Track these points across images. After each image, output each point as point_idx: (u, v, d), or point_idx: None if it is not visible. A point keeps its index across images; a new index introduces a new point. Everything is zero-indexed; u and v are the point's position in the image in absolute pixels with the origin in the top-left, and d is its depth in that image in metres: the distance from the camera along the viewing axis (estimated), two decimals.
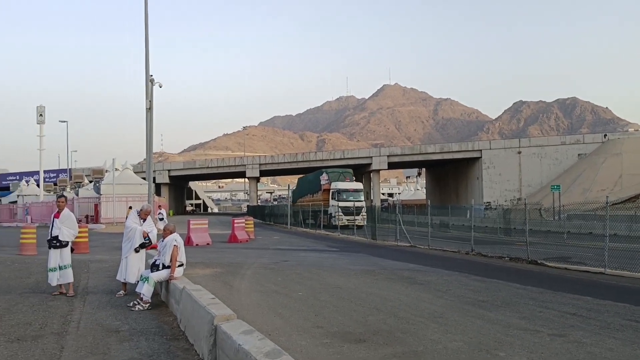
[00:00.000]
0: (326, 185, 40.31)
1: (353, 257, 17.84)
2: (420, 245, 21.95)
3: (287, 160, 78.45)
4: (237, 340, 4.70)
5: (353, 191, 38.58)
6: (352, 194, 37.95)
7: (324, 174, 41.55)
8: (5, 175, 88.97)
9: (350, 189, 38.81)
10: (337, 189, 38.26)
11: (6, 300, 8.99)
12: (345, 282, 11.33)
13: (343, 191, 38.02)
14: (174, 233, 8.99)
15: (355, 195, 37.95)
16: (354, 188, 39.43)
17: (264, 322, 7.20)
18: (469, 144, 72.31)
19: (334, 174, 41.53)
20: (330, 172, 42.15)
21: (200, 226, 23.48)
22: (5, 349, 6.03)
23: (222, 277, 11.88)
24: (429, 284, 11.27)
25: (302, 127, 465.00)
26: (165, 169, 78.77)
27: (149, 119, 24.33)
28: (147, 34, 24.82)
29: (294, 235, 31.72)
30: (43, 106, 48.24)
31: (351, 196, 37.53)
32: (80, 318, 7.66)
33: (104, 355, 5.82)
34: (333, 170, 43.42)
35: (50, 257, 9.47)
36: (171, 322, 7.41)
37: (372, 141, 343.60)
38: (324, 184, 40.87)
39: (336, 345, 6.18)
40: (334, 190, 38.44)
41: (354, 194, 38.31)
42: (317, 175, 44.02)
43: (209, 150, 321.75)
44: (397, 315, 7.93)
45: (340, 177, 40.76)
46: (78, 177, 55.21)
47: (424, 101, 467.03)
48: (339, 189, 38.20)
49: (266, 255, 18.30)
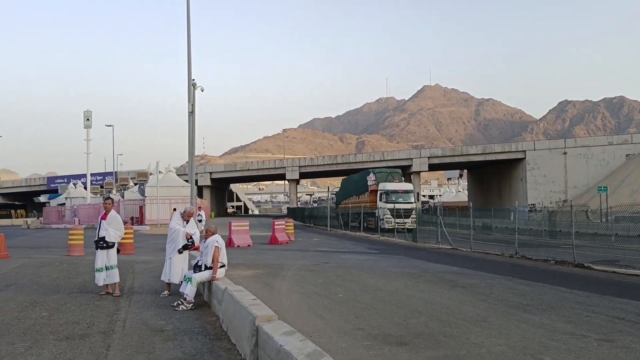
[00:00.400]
0: (373, 186, 38.33)
1: (393, 260, 17.73)
2: (462, 248, 21.63)
3: (327, 162, 78.53)
4: (279, 341, 4.73)
5: (403, 192, 36.66)
6: (401, 196, 36.12)
7: (370, 174, 39.37)
8: (54, 178, 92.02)
9: (399, 190, 36.91)
10: (386, 190, 36.41)
11: (55, 300, 9.29)
12: (385, 285, 11.27)
13: (392, 192, 36.16)
14: (216, 234, 9.13)
15: (405, 197, 36.09)
16: (404, 189, 37.49)
17: (304, 324, 7.23)
18: (513, 144, 70.79)
19: (382, 174, 39.42)
20: (378, 172, 40.02)
21: (241, 228, 23.74)
22: (54, 347, 6.23)
23: (262, 278, 11.99)
24: (471, 287, 11.09)
25: (341, 129, 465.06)
26: (207, 172, 79.96)
27: (191, 122, 24.76)
28: (189, 40, 25.28)
29: (333, 237, 31.72)
30: (90, 111, 49.78)
31: (401, 198, 35.75)
32: (126, 317, 7.85)
33: (149, 354, 5.95)
34: (380, 170, 41.28)
35: (97, 257, 9.74)
36: (214, 322, 7.52)
37: (412, 143, 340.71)
38: (371, 184, 38.82)
39: (377, 348, 6.15)
40: (382, 191, 36.58)
41: (404, 195, 36.39)
42: (363, 175, 41.86)
43: (249, 153, 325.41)
44: (439, 318, 7.83)
45: (388, 177, 38.70)
46: (123, 179, 56.66)
47: (465, 102, 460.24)
48: (387, 190, 36.36)
49: (306, 257, 18.36)
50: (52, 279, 12.08)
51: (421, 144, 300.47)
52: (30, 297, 9.54)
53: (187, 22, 25.37)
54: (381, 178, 38.38)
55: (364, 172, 42.23)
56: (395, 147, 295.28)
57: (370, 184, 38.77)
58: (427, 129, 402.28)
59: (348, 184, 48.80)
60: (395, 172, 41.08)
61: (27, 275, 12.90)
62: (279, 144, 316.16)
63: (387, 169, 45.81)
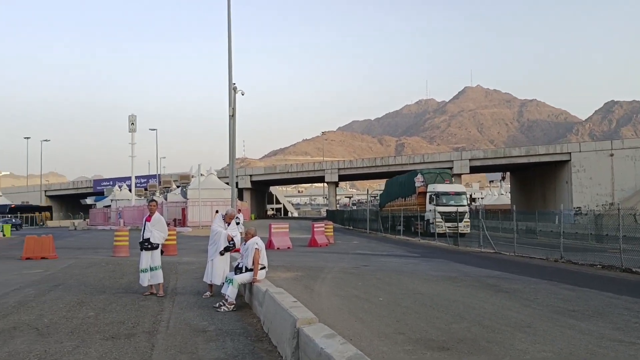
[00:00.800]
0: (422, 188, 36.25)
1: (434, 263, 17.52)
2: (505, 252, 21.21)
3: (366, 164, 78.24)
4: (320, 344, 4.72)
5: (454, 194, 34.33)
6: (453, 198, 33.89)
7: (418, 175, 37.27)
8: (100, 181, 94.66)
9: (451, 191, 34.58)
10: (436, 192, 34.06)
11: (101, 300, 9.54)
12: (426, 289, 11.14)
13: (443, 194, 33.92)
14: (256, 236, 9.21)
15: (456, 199, 33.82)
16: (456, 191, 35.16)
17: (344, 327, 7.21)
18: (557, 146, 69.08)
19: (431, 175, 37.13)
20: (426, 172, 37.81)
21: (281, 230, 23.90)
22: (100, 346, 6.38)
23: (302, 280, 12.02)
24: (515, 292, 10.85)
25: (380, 132, 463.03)
26: (247, 174, 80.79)
27: (231, 125, 25.12)
28: (230, 45, 25.65)
29: (373, 240, 31.57)
30: (135, 115, 50.99)
31: (452, 200, 33.58)
32: (169, 318, 7.99)
33: (192, 354, 6.04)
34: (429, 171, 39.01)
35: (142, 258, 9.95)
36: (255, 324, 7.57)
37: (453, 145, 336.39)
38: (419, 186, 36.76)
39: (419, 353, 6.08)
40: (432, 193, 34.31)
41: (455, 197, 34.08)
42: (410, 176, 39.84)
43: (288, 156, 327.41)
44: (482, 323, 7.69)
45: (437, 178, 36.33)
46: (166, 182, 57.77)
47: (507, 103, 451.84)
48: (438, 192, 34.02)
49: (346, 259, 18.34)
50: (99, 279, 12.41)
51: (462, 146, 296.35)
52: (77, 297, 9.82)
53: (228, 28, 25.75)
54: (430, 179, 36.34)
55: (411, 173, 40.57)
56: (435, 149, 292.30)
57: (418, 185, 36.94)
58: (469, 131, 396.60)
59: (393, 185, 46.51)
60: (445, 172, 38.82)
61: (75, 275, 13.31)
62: (318, 146, 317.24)
63: (435, 169, 44.03)
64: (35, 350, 6.15)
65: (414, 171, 40.47)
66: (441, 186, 34.97)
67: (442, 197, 33.67)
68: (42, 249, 18.40)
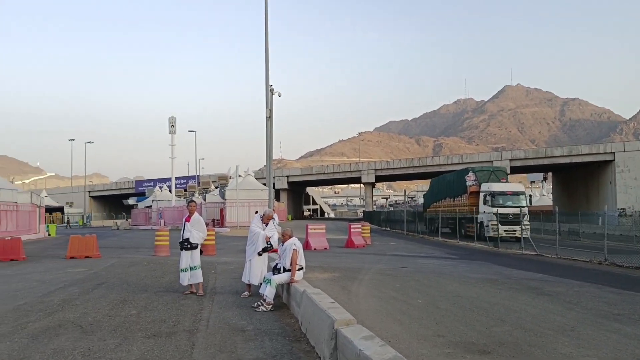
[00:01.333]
0: (474, 187, 33.11)
1: (474, 265, 17.24)
2: (547, 254, 20.73)
3: (403, 165, 77.66)
4: (358, 345, 4.70)
5: (512, 194, 31.13)
6: (510, 198, 30.74)
7: (470, 174, 34.00)
8: (141, 182, 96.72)
9: (508, 191, 31.34)
10: (491, 192, 31.05)
11: (143, 299, 9.73)
12: (466, 291, 10.97)
13: (499, 194, 30.83)
14: (293, 237, 9.25)
15: (514, 200, 30.67)
16: (513, 190, 31.88)
17: (383, 328, 7.16)
18: (601, 146, 67.04)
19: (484, 172, 34.08)
20: (478, 170, 34.68)
21: (318, 231, 23.93)
22: (142, 344, 6.50)
23: (340, 281, 12.00)
24: (557, 295, 10.59)
25: (418, 132, 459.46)
26: (284, 175, 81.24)
27: (269, 127, 25.29)
28: (267, 47, 25.85)
29: (410, 242, 31.30)
30: (174, 117, 51.89)
31: (509, 200, 30.52)
32: (209, 317, 8.09)
33: (232, 353, 6.09)
34: (482, 169, 35.97)
35: (182, 258, 10.10)
36: (293, 324, 7.59)
37: (492, 145, 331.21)
38: (470, 185, 33.50)
39: (459, 356, 5.98)
40: (487, 192, 31.29)
41: (513, 197, 30.89)
42: (459, 175, 36.53)
43: (325, 156, 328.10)
44: (524, 327, 7.52)
45: (491, 176, 33.34)
46: (205, 183, 58.64)
47: (549, 102, 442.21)
48: (493, 192, 30.99)
49: (383, 261, 18.23)
50: (140, 278, 12.67)
51: (502, 146, 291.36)
52: (120, 296, 10.05)
53: (265, 30, 25.95)
54: (483, 178, 33.32)
55: (461, 171, 37.66)
56: (474, 149, 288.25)
57: (470, 184, 33.69)
58: (509, 131, 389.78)
59: (440, 184, 42.65)
60: (500, 170, 35.65)
61: (117, 274, 13.62)
62: (354, 147, 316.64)
63: (488, 166, 41.92)
64: (79, 347, 6.31)
65: (464, 169, 37.61)
66: (497, 185, 32.10)
67: (498, 198, 30.79)
68: (86, 249, 18.90)
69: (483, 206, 31.12)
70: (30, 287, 11.53)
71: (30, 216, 36.32)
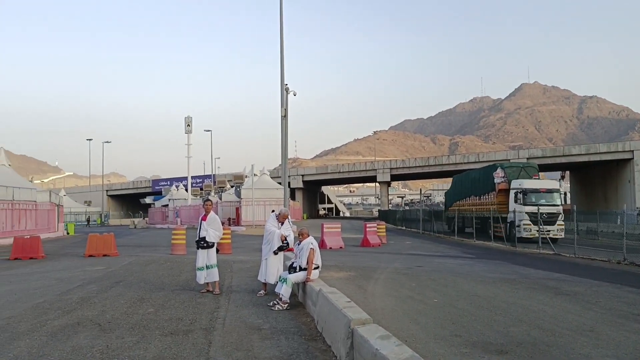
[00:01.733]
0: (503, 185, 31.01)
1: (491, 265, 17.10)
2: (565, 254, 20.50)
3: (419, 164, 77.31)
4: (374, 345, 4.68)
5: (545, 192, 29.01)
6: (543, 196, 28.64)
7: (498, 170, 31.79)
8: (158, 181, 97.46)
9: (541, 188, 29.17)
10: (523, 189, 28.91)
11: (160, 297, 9.80)
12: (483, 290, 10.88)
13: (531, 192, 28.73)
14: (310, 237, 9.26)
15: (548, 198, 28.63)
16: (547, 188, 29.67)
17: (399, 328, 7.13)
18: (619, 144, 66.12)
19: (513, 169, 31.94)
20: (507, 166, 32.48)
21: (333, 230, 23.91)
22: (160, 342, 6.54)
23: (355, 280, 11.98)
24: (576, 295, 10.47)
25: (433, 130, 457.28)
26: (299, 174, 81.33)
27: (284, 126, 25.33)
28: (282, 46, 25.89)
29: (426, 241, 31.14)
30: (190, 117, 52.20)
31: (543, 199, 28.39)
32: (225, 315, 8.12)
33: (248, 352, 6.11)
34: (511, 165, 33.89)
35: (198, 257, 10.15)
36: (308, 323, 7.59)
37: (509, 143, 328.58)
38: (499, 182, 31.36)
39: (476, 356, 5.94)
40: (518, 190, 29.13)
41: (547, 195, 28.79)
42: (487, 171, 34.27)
43: (340, 155, 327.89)
44: (542, 327, 7.45)
45: (522, 173, 31.14)
46: (221, 182, 58.89)
47: (566, 99, 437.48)
48: (525, 189, 28.85)
49: (399, 260, 18.16)
50: (157, 277, 12.76)
51: (519, 145, 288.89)
52: (137, 294, 10.13)
53: (280, 30, 25.99)
54: (512, 174, 31.16)
55: (488, 167, 35.53)
56: (491, 148, 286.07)
57: (499, 181, 31.58)
58: (526, 129, 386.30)
59: (463, 181, 40.22)
60: (531, 166, 33.21)
61: (135, 272, 13.73)
62: (369, 146, 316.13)
63: (518, 162, 39.67)
64: (98, 345, 6.37)
65: (491, 165, 35.70)
66: (529, 182, 29.78)
67: (531, 196, 28.68)
68: (104, 247, 19.10)
69: (514, 205, 29.05)
70: (49, 285, 11.68)
71: (49, 215, 36.80)
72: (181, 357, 5.87)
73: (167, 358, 5.84)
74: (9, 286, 11.62)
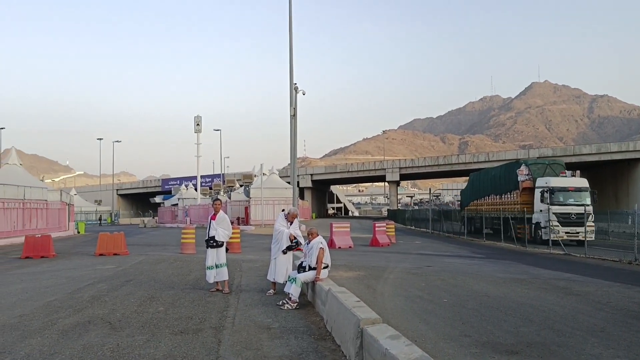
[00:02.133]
0: (527, 183, 29.05)
1: (500, 265, 17.03)
2: (576, 254, 20.38)
3: (428, 163, 77.10)
4: (384, 345, 4.67)
5: (574, 190, 27.07)
6: (572, 195, 26.79)
7: (522, 167, 29.80)
8: (167, 180, 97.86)
9: (570, 187, 27.22)
10: (550, 187, 26.85)
11: (170, 296, 9.84)
12: (493, 290, 10.84)
13: (559, 190, 26.77)
14: (319, 236, 9.26)
15: (577, 197, 26.72)
16: (576, 186, 27.76)
17: (408, 328, 7.12)
18: (630, 143, 65.55)
19: (539, 166, 29.93)
20: (532, 163, 30.56)
21: (342, 229, 23.91)
22: (170, 340, 6.57)
23: (365, 280, 11.97)
24: (586, 295, 10.40)
25: (443, 130, 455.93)
26: (308, 174, 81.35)
27: (293, 125, 25.34)
28: (291, 46, 25.90)
29: (436, 240, 31.06)
30: (200, 116, 52.34)
31: (571, 198, 26.65)
32: (235, 314, 8.14)
33: (257, 351, 6.12)
34: (536, 161, 31.67)
35: (208, 256, 10.19)
36: (318, 322, 7.60)
37: (519, 142, 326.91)
38: (523, 180, 29.32)
39: (486, 356, 5.92)
40: (544, 189, 27.11)
41: (575, 194, 26.82)
42: (509, 168, 32.24)
43: (349, 155, 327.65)
44: (552, 327, 7.40)
45: (547, 170, 29.13)
46: (230, 181, 59.01)
47: (577, 99, 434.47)
48: (552, 188, 26.80)
49: (408, 259, 18.13)
50: (167, 276, 12.83)
51: (529, 144, 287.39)
52: (147, 292, 10.18)
53: (289, 29, 26.00)
54: (537, 171, 29.21)
55: (510, 164, 33.65)
56: (501, 147, 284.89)
57: (523, 179, 29.52)
58: (536, 128, 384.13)
59: (482, 180, 37.68)
60: (558, 163, 31.01)
61: (145, 271, 13.81)
62: (378, 145, 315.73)
63: (543, 159, 37.33)
64: (109, 343, 6.41)
65: (514, 162, 33.74)
66: (557, 180, 27.78)
67: (559, 194, 26.82)
68: (114, 246, 19.21)
69: (539, 204, 27.21)
70: (60, 283, 11.76)
71: (60, 214, 37.06)
72: (191, 356, 5.89)
73: (177, 356, 5.87)
74: (21, 284, 11.72)
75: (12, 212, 29.31)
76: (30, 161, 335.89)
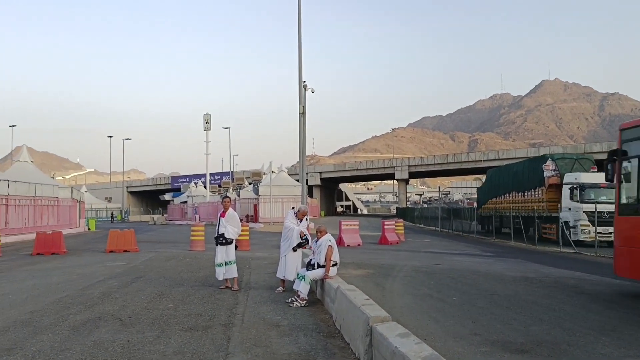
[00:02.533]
0: (553, 179, 26.85)
1: (510, 263, 16.94)
2: (587, 252, 20.23)
3: (437, 161, 76.89)
4: (394, 343, 4.66)
5: (607, 187, 24.32)
6: (604, 192, 24.41)
7: (548, 162, 27.53)
8: (177, 178, 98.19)
9: (602, 183, 24.51)
10: (579, 184, 24.96)
11: (180, 292, 9.89)
12: (503, 289, 10.78)
13: (590, 187, 24.78)
14: (328, 234, 9.27)
15: (609, 195, 23.20)
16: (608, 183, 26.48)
17: (418, 326, 7.10)
18: None
19: (566, 161, 27.94)
20: (559, 158, 28.38)
21: (351, 227, 23.90)
22: (179, 337, 6.61)
23: (373, 278, 11.96)
24: (597, 294, 10.32)
25: (452, 128, 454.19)
26: (317, 171, 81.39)
27: (302, 123, 25.30)
28: (300, 43, 25.88)
29: (445, 238, 30.95)
30: (209, 114, 52.52)
31: (603, 195, 24.32)
32: (244, 311, 8.16)
33: (267, 348, 6.13)
34: (563, 156, 29.66)
35: (217, 253, 10.22)
36: (327, 320, 7.60)
37: (529, 140, 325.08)
38: (549, 176, 27.11)
39: (496, 355, 5.89)
40: (573, 185, 25.17)
41: (608, 191, 23.82)
42: (533, 163, 30.09)
43: (358, 153, 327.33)
44: (562, 326, 7.36)
45: (575, 165, 27.25)
46: (239, 179, 59.18)
47: (588, 96, 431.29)
48: (582, 184, 24.91)
49: (417, 258, 18.09)
50: (177, 273, 12.88)
51: (540, 142, 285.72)
52: (157, 289, 10.23)
53: (298, 27, 25.99)
54: (565, 167, 27.24)
55: (534, 159, 31.97)
56: (511, 145, 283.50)
57: (549, 175, 27.30)
58: (546, 126, 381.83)
59: (501, 176, 35.05)
60: (587, 158, 29.15)
61: (155, 268, 13.88)
62: (387, 143, 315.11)
63: (570, 153, 35.66)
64: (119, 339, 6.45)
65: (539, 156, 31.93)
66: (587, 176, 25.82)
67: (589, 192, 24.85)
68: (125, 243, 19.33)
69: (568, 202, 25.27)
70: (71, 280, 11.85)
71: (71, 211, 37.32)
72: (200, 352, 5.91)
73: (186, 353, 5.90)
74: (32, 281, 11.83)
75: (23, 209, 29.55)
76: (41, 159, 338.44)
